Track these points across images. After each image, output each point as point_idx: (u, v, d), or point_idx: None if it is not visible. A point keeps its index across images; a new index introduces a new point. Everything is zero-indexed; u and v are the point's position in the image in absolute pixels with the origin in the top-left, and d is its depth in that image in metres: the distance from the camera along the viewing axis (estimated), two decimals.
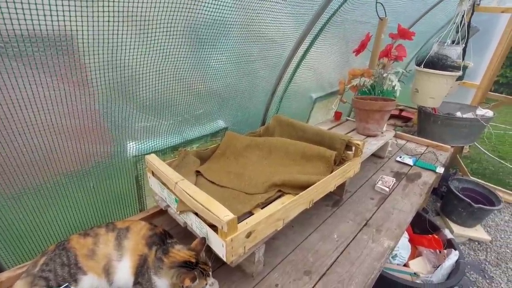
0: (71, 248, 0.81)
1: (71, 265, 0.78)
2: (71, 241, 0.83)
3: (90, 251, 0.81)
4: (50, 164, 0.92)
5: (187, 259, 0.80)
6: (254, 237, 0.86)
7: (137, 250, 0.83)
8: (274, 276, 0.99)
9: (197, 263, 0.80)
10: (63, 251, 0.80)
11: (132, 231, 0.88)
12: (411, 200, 1.47)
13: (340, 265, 1.06)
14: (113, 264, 0.81)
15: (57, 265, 0.77)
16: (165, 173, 0.99)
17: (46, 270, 0.76)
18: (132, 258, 0.83)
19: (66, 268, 0.77)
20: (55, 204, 1.02)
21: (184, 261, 0.79)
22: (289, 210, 0.99)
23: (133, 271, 0.82)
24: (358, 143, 1.29)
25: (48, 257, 0.79)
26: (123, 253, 0.83)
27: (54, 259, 0.78)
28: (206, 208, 0.80)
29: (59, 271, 0.76)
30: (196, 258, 0.81)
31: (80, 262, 0.79)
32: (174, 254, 0.81)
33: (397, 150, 2.08)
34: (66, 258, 0.79)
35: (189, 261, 0.79)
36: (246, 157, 1.38)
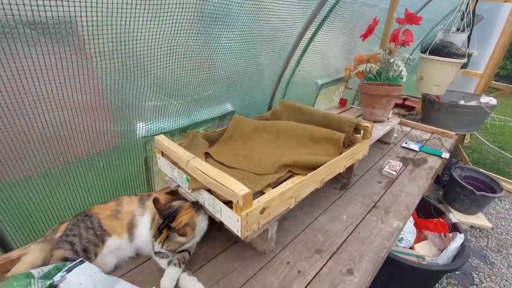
0: (93, 214, 0.84)
1: (95, 227, 0.81)
2: (92, 209, 0.86)
3: (114, 212, 0.86)
4: (61, 141, 0.91)
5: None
6: (268, 214, 0.86)
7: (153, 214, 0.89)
8: (286, 254, 1.00)
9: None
10: (86, 217, 0.83)
11: (154, 195, 0.95)
12: (418, 183, 1.48)
13: (350, 244, 1.06)
14: (136, 219, 0.88)
15: (81, 229, 0.80)
16: (176, 152, 0.98)
17: (71, 235, 0.78)
18: (151, 216, 0.89)
19: (91, 231, 0.80)
20: (65, 183, 1.02)
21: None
22: (301, 189, 0.99)
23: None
24: (367, 125, 1.28)
25: (71, 223, 0.82)
26: (145, 210, 0.91)
27: (77, 224, 0.81)
28: (221, 183, 0.79)
29: (84, 234, 0.79)
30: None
31: (104, 224, 0.83)
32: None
33: (403, 136, 2.07)
34: (90, 222, 0.82)
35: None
36: (254, 140, 1.37)
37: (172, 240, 0.81)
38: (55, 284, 0.54)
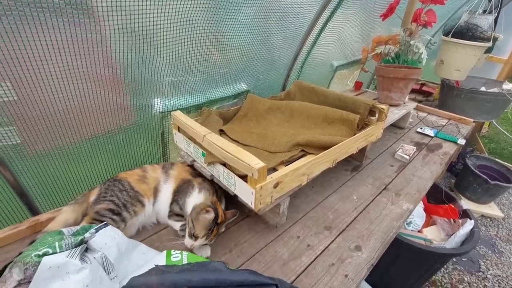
0: (122, 179, 0.90)
1: (128, 190, 0.88)
2: (119, 175, 0.93)
3: (141, 177, 0.93)
4: (84, 113, 0.95)
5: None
6: (281, 188, 0.89)
7: (180, 175, 1.01)
8: (296, 229, 1.03)
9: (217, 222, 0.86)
10: (116, 181, 0.89)
11: (177, 165, 1.06)
12: (431, 168, 1.47)
13: (360, 223, 1.08)
14: (161, 184, 0.95)
15: (116, 191, 0.86)
16: (193, 127, 1.01)
17: (108, 196, 0.84)
18: (176, 181, 0.99)
19: (125, 193, 0.87)
20: (88, 155, 1.07)
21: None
22: (314, 167, 1.01)
23: (173, 191, 0.96)
24: (383, 107, 1.27)
25: (103, 188, 0.88)
26: (169, 178, 0.99)
27: (111, 187, 0.87)
28: (237, 157, 0.82)
29: (119, 195, 0.86)
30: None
31: (134, 186, 0.89)
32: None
33: (418, 122, 2.04)
34: (122, 186, 0.88)
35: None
36: (267, 120, 1.39)
37: (220, 232, 0.90)
38: (85, 240, 0.59)
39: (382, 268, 1.63)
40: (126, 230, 0.87)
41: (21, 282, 0.51)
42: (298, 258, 0.92)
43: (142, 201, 0.90)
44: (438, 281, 2.08)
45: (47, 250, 0.53)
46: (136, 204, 0.88)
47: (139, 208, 0.89)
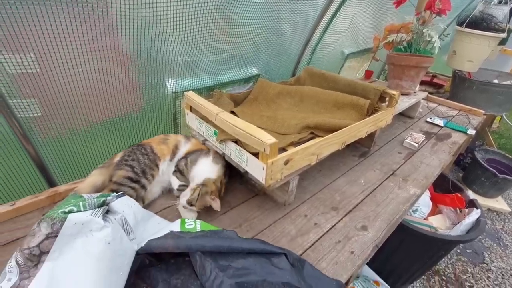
0: (145, 144, 0.97)
1: (149, 153, 0.95)
2: (143, 141, 1.00)
3: (162, 139, 1.01)
4: (100, 90, 0.98)
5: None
6: (291, 166, 0.91)
7: (199, 145, 1.10)
8: (303, 208, 1.06)
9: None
10: (139, 146, 0.96)
11: (195, 139, 1.14)
12: (440, 156, 1.47)
13: (366, 205, 1.10)
14: (181, 143, 1.05)
15: (138, 155, 0.92)
16: (206, 106, 1.03)
17: (129, 160, 0.90)
18: (193, 145, 1.08)
19: (146, 156, 0.93)
20: (103, 131, 1.10)
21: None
22: (323, 147, 1.03)
23: (186, 152, 1.06)
24: (394, 93, 1.27)
25: (127, 151, 0.94)
26: (189, 141, 1.09)
27: (133, 151, 0.93)
28: (249, 133, 0.84)
29: (141, 159, 0.92)
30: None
31: (155, 149, 0.96)
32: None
33: (428, 112, 2.03)
34: (144, 150, 0.95)
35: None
36: (277, 104, 1.40)
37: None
38: (107, 202, 0.62)
39: (385, 255, 1.65)
40: (147, 194, 0.95)
41: (48, 235, 0.54)
42: (305, 235, 0.94)
43: (158, 165, 0.96)
44: (441, 270, 2.09)
45: (72, 208, 0.57)
46: (154, 168, 0.95)
47: (156, 172, 0.96)
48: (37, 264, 0.54)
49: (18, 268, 0.53)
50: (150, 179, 0.93)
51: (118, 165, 0.92)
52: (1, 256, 0.78)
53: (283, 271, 0.69)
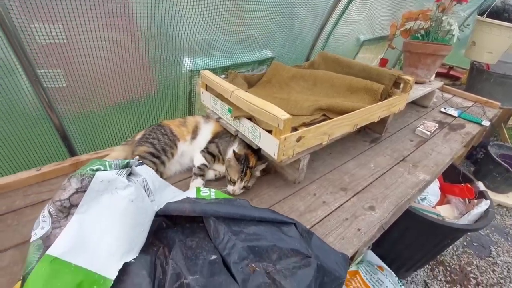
0: (164, 125, 1.02)
1: (168, 134, 0.99)
2: (162, 122, 1.04)
3: (181, 122, 1.05)
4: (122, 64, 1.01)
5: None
6: (303, 143, 0.93)
7: (219, 127, 1.13)
8: (313, 187, 1.08)
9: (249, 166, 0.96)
10: (159, 126, 1.00)
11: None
12: (451, 145, 1.46)
13: (375, 187, 1.12)
14: (201, 124, 1.08)
15: (158, 134, 0.97)
16: (221, 84, 1.06)
17: (150, 138, 0.95)
18: (215, 128, 1.11)
19: (166, 136, 0.97)
20: (123, 106, 1.14)
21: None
22: (334, 128, 1.04)
23: (214, 133, 1.10)
24: (409, 78, 1.26)
25: (148, 130, 0.99)
26: (210, 121, 1.13)
27: (154, 131, 0.98)
28: (264, 109, 0.86)
29: (161, 138, 0.96)
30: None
31: (174, 131, 1.01)
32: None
33: (442, 102, 2.00)
34: (164, 130, 0.99)
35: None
36: (290, 87, 1.41)
37: (254, 176, 0.99)
38: (130, 164, 0.67)
39: (391, 241, 1.68)
40: (166, 170, 0.99)
41: (78, 190, 0.59)
42: (313, 211, 0.97)
43: (177, 145, 1.01)
44: (446, 261, 2.11)
45: (99, 167, 0.61)
46: (174, 147, 0.99)
47: (175, 151, 1.00)
48: (67, 216, 0.59)
49: (50, 218, 0.58)
50: (169, 157, 0.99)
51: (140, 142, 0.97)
52: (31, 214, 0.85)
53: (292, 239, 0.72)
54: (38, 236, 0.56)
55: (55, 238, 0.55)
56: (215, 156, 1.05)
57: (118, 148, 0.98)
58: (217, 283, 0.60)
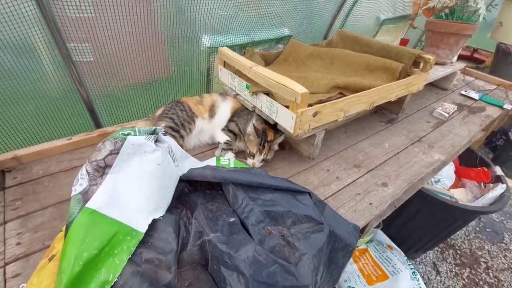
0: (183, 102, 1.06)
1: (187, 110, 1.03)
2: (181, 99, 1.08)
3: (198, 101, 1.09)
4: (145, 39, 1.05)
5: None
6: (319, 119, 0.95)
7: (236, 104, 1.15)
8: (326, 164, 1.11)
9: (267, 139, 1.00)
10: (178, 103, 1.05)
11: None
12: (470, 128, 1.44)
13: (388, 165, 1.14)
14: (219, 102, 1.11)
15: (177, 110, 1.02)
16: (240, 60, 1.08)
17: (170, 113, 1.00)
18: (233, 104, 1.14)
19: (184, 113, 1.02)
20: (145, 83, 1.19)
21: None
22: (351, 105, 1.05)
23: (232, 111, 1.11)
24: (429, 57, 1.24)
25: (168, 106, 1.04)
26: (226, 99, 1.15)
27: (173, 107, 1.03)
28: (282, 84, 0.89)
29: (180, 114, 1.01)
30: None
31: (192, 108, 1.05)
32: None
33: (463, 85, 1.95)
34: (183, 107, 1.04)
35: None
36: (307, 66, 1.42)
37: (272, 150, 1.03)
38: (157, 131, 0.71)
39: (402, 222, 1.70)
40: (185, 144, 1.04)
41: (112, 152, 0.64)
42: (327, 186, 1.01)
43: (195, 121, 1.04)
44: (457, 245, 2.12)
45: (130, 132, 0.66)
46: (192, 123, 1.03)
47: (193, 127, 1.04)
48: (102, 175, 0.64)
49: (88, 176, 0.64)
50: (188, 132, 1.03)
51: (160, 117, 1.02)
52: (65, 178, 0.92)
53: (306, 206, 0.76)
54: (78, 191, 0.62)
55: (92, 193, 0.62)
56: (236, 134, 1.08)
57: (140, 123, 1.04)
58: (236, 240, 0.66)
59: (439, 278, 1.88)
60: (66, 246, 0.54)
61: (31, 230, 0.76)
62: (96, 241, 0.56)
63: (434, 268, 1.94)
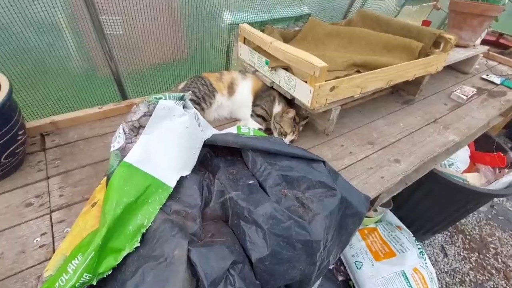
0: (205, 77, 1.10)
1: (208, 85, 1.08)
2: (203, 74, 1.12)
3: (218, 77, 1.12)
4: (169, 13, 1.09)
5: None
6: (336, 93, 0.99)
7: (257, 81, 1.18)
8: (340, 140, 1.15)
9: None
10: (199, 78, 1.09)
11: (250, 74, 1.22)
12: (488, 111, 1.43)
13: (402, 143, 1.16)
14: (238, 80, 1.14)
15: (199, 84, 1.07)
16: (260, 36, 1.11)
17: (191, 87, 1.05)
18: (254, 82, 1.16)
19: (205, 87, 1.07)
20: (169, 64, 1.25)
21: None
22: (368, 81, 1.07)
23: (253, 93, 1.14)
24: (450, 37, 1.23)
25: (189, 81, 1.09)
26: (246, 77, 1.17)
27: (195, 81, 1.08)
28: (301, 57, 0.92)
29: (201, 88, 1.06)
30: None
31: (213, 83, 1.09)
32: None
33: (485, 69, 1.90)
34: (203, 81, 1.08)
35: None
36: (325, 44, 1.43)
37: (299, 130, 1.11)
38: (184, 98, 0.77)
39: (413, 203, 1.73)
40: (205, 116, 1.10)
41: (145, 113, 0.71)
42: (340, 160, 1.05)
43: (215, 96, 1.09)
44: (467, 230, 2.13)
45: (161, 97, 0.72)
46: (212, 97, 1.08)
47: (213, 101, 1.09)
48: (136, 135, 0.71)
49: (124, 134, 0.71)
50: (208, 105, 1.08)
51: (182, 91, 1.07)
52: (98, 143, 1.01)
53: (320, 173, 0.81)
54: (116, 148, 0.69)
55: (129, 150, 0.69)
56: (265, 118, 1.12)
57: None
58: (256, 199, 0.72)
59: (446, 260, 1.92)
60: (108, 192, 0.62)
61: (71, 185, 0.85)
62: (133, 190, 0.64)
63: (442, 251, 1.97)
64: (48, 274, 0.59)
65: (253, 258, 0.65)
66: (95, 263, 0.55)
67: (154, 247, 0.62)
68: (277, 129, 1.07)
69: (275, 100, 1.14)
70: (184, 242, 0.61)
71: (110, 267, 0.58)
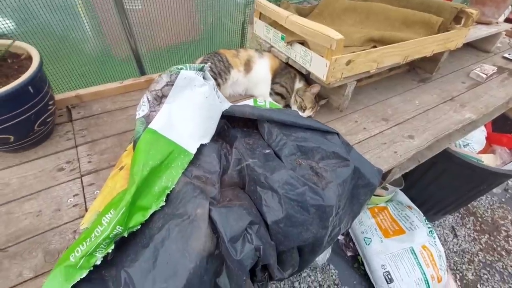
0: (221, 53, 1.12)
1: (224, 61, 1.10)
2: (219, 50, 1.13)
3: (234, 54, 1.13)
4: None
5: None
6: (351, 68, 0.99)
7: (275, 59, 1.18)
8: (355, 116, 1.16)
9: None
10: (216, 54, 1.11)
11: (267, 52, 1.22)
12: (508, 90, 1.40)
13: (417, 120, 1.16)
14: (255, 58, 1.14)
15: (216, 60, 1.09)
16: (276, 10, 1.11)
17: (208, 63, 1.06)
18: (272, 60, 1.17)
19: (222, 63, 1.09)
20: (186, 43, 1.27)
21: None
22: (384, 56, 1.07)
23: (272, 72, 1.15)
24: (472, 11, 1.19)
25: (206, 56, 1.11)
26: (263, 56, 1.17)
27: (212, 57, 1.10)
28: (318, 30, 0.92)
29: (218, 64, 1.08)
30: None
31: (229, 59, 1.10)
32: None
33: (508, 48, 1.83)
34: (220, 58, 1.10)
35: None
36: (342, 20, 1.41)
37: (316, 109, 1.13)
38: (204, 69, 0.80)
39: (424, 183, 1.74)
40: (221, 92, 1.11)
41: (168, 83, 0.74)
42: (354, 135, 1.07)
43: (231, 72, 1.11)
44: (479, 213, 2.13)
45: (183, 67, 0.75)
46: (228, 73, 1.10)
47: (229, 77, 1.11)
48: (159, 104, 0.75)
49: (148, 103, 0.75)
50: (224, 81, 1.10)
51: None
52: (120, 115, 1.05)
53: (334, 144, 0.84)
54: (141, 115, 0.74)
55: (153, 118, 0.73)
56: (284, 96, 1.13)
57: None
58: (271, 166, 0.75)
59: (456, 240, 1.94)
60: (136, 155, 0.67)
61: (98, 153, 0.90)
62: (158, 154, 0.68)
63: (452, 232, 1.99)
64: (84, 227, 0.65)
65: (269, 221, 0.69)
66: (126, 218, 0.61)
67: (178, 207, 0.67)
68: (298, 102, 1.09)
69: (296, 77, 1.16)
70: (205, 202, 0.65)
71: (139, 222, 0.63)
